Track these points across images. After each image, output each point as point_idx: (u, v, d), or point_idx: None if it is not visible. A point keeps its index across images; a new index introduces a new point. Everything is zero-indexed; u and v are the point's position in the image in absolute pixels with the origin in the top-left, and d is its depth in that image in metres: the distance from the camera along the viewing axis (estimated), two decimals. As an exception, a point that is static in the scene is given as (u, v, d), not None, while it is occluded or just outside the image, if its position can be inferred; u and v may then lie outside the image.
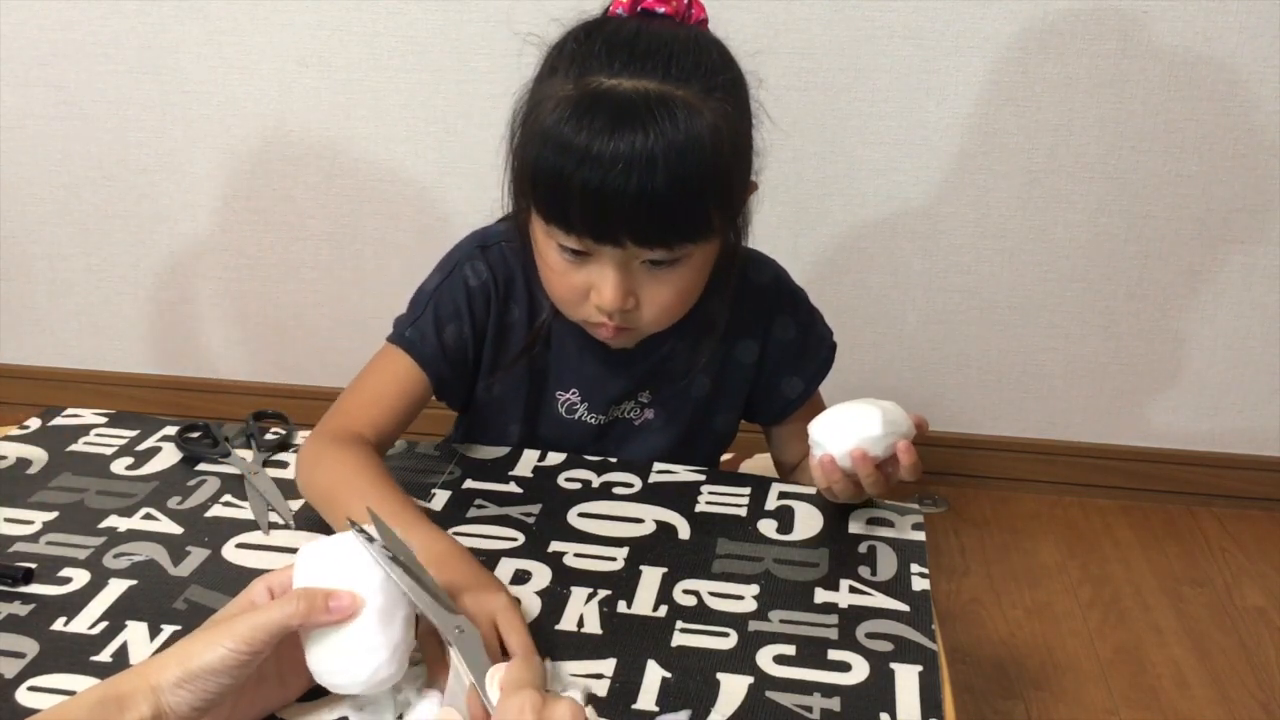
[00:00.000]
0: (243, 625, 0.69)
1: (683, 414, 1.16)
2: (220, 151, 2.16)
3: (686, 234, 0.95)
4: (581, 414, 1.15)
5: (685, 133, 0.90)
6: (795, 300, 1.20)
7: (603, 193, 0.90)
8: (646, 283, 0.98)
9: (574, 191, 0.91)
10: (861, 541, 0.98)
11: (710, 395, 1.16)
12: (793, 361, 1.18)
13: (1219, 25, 1.87)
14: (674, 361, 1.13)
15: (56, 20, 2.10)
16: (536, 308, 1.12)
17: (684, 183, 0.91)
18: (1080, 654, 1.78)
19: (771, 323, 1.17)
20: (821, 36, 1.95)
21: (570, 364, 1.13)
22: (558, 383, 1.14)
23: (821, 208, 2.06)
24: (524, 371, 1.14)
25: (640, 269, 0.97)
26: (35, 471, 1.06)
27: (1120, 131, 1.96)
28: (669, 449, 1.16)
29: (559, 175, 0.91)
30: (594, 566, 0.93)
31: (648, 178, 0.89)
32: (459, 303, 1.11)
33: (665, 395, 1.15)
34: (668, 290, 0.99)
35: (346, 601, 0.72)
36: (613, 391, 1.14)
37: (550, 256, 0.99)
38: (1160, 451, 2.18)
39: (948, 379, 2.18)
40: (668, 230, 0.94)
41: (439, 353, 1.10)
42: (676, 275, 0.98)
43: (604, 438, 1.16)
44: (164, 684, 0.68)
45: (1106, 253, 2.05)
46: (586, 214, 0.92)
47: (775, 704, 0.78)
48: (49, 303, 2.35)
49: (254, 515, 1.00)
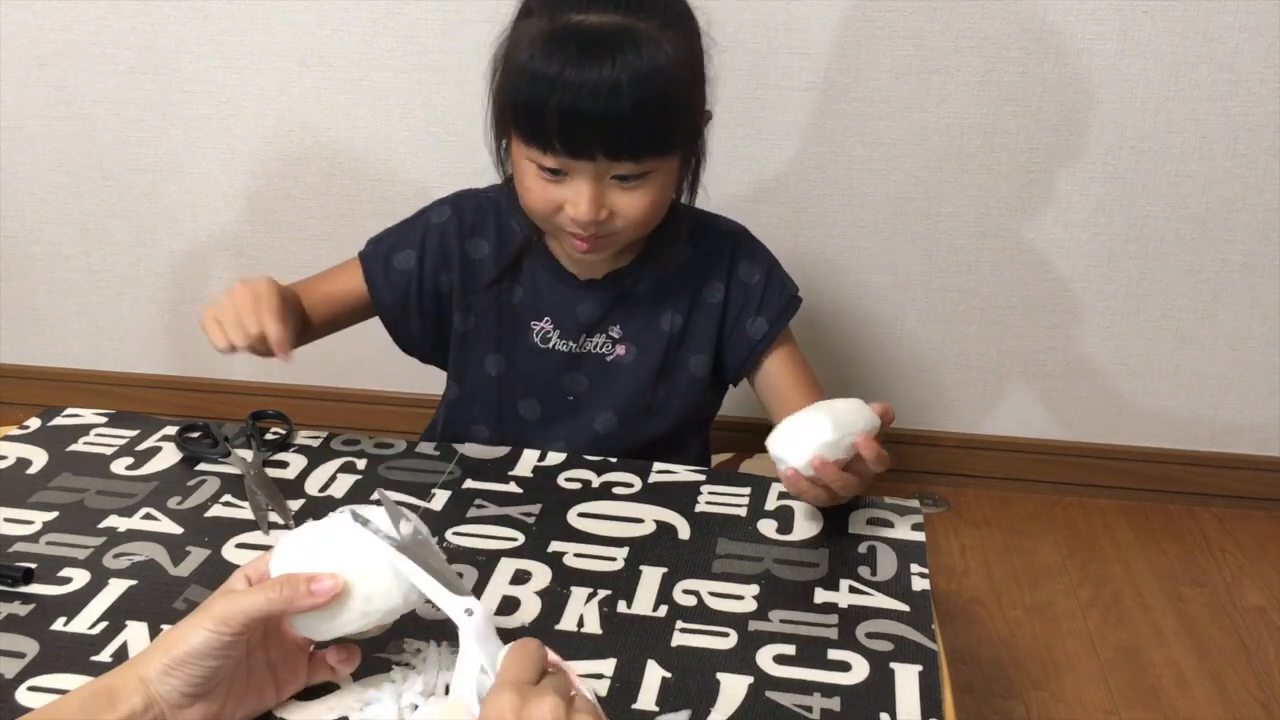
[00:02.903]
0: (223, 607, 0.70)
1: (655, 348, 1.22)
2: (220, 151, 2.16)
3: (651, 148, 1.06)
4: (554, 342, 1.22)
5: (647, 59, 1.02)
6: (758, 249, 1.28)
7: (576, 113, 1.01)
8: (617, 197, 1.08)
9: (550, 113, 1.02)
10: (861, 541, 0.98)
11: (682, 333, 1.23)
12: (756, 303, 1.24)
13: (1219, 25, 1.87)
14: (641, 295, 1.22)
15: (56, 20, 2.10)
16: (505, 245, 1.23)
17: (647, 102, 1.02)
18: (1080, 654, 1.78)
19: (736, 265, 1.25)
20: (821, 36, 1.95)
21: (543, 293, 1.22)
22: (531, 312, 1.23)
23: (821, 208, 2.06)
24: (497, 304, 1.23)
25: (610, 184, 1.07)
26: (35, 471, 1.06)
27: (1120, 131, 1.96)
28: (645, 387, 1.22)
29: (537, 100, 1.02)
30: (594, 566, 0.93)
31: (616, 98, 1.01)
32: (415, 235, 1.25)
33: (635, 329, 1.22)
34: (637, 200, 1.09)
35: (328, 584, 0.72)
36: (582, 316, 1.22)
37: (530, 179, 1.09)
38: (1160, 451, 2.18)
39: (948, 379, 2.18)
40: (635, 145, 1.05)
41: (384, 270, 1.24)
42: (644, 189, 1.08)
43: (577, 369, 1.23)
44: (151, 674, 0.68)
45: (1106, 253, 2.05)
46: (562, 133, 1.03)
47: (775, 704, 0.78)
48: (49, 303, 2.35)
49: (254, 515, 1.00)
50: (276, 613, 0.72)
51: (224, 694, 0.71)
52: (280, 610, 0.71)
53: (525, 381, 1.24)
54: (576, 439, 1.22)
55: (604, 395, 1.23)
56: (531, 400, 1.25)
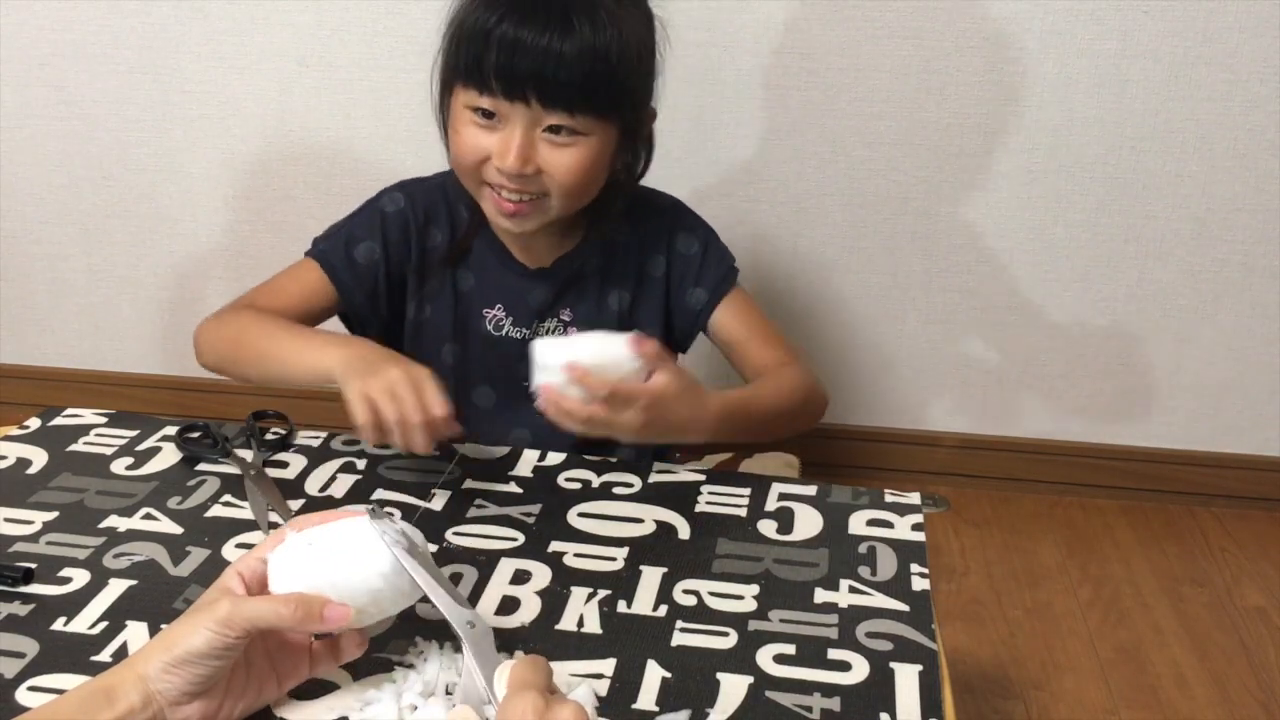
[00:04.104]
0: (229, 610, 0.69)
1: (606, 328, 1.16)
2: (220, 151, 2.16)
3: (587, 103, 1.06)
4: (508, 329, 1.23)
5: (602, 15, 1.04)
6: (695, 221, 1.29)
7: (517, 48, 1.03)
8: (546, 152, 1.08)
9: (492, 44, 1.04)
10: (861, 541, 0.98)
11: (630, 308, 1.25)
12: (695, 274, 1.26)
13: (1219, 25, 1.87)
14: (589, 276, 1.23)
15: (56, 20, 2.10)
16: (458, 232, 1.23)
17: (592, 51, 1.03)
18: (1080, 654, 1.78)
19: (674, 238, 1.26)
20: (821, 36, 1.95)
21: (492, 280, 1.23)
22: (483, 300, 1.23)
23: (821, 208, 2.06)
24: (450, 292, 1.23)
25: (541, 139, 1.08)
26: (35, 471, 1.06)
27: (1120, 131, 1.96)
28: None
29: (482, 32, 1.04)
30: (594, 566, 0.93)
31: (563, 34, 1.02)
32: (373, 225, 1.23)
33: (586, 311, 1.23)
34: (566, 158, 1.08)
35: (340, 613, 0.72)
36: (533, 303, 1.22)
37: (463, 126, 1.10)
38: (1160, 451, 2.18)
39: (948, 379, 2.18)
40: (571, 94, 1.05)
41: (347, 265, 1.22)
42: (575, 148, 1.08)
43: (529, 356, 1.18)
44: (151, 672, 0.68)
45: (1106, 253, 2.05)
46: (500, 69, 1.04)
47: (775, 704, 0.78)
48: (49, 303, 2.35)
49: (254, 515, 1.00)
50: (284, 629, 0.72)
51: (223, 691, 0.71)
52: (289, 628, 0.71)
53: (480, 369, 1.24)
54: (539, 426, 1.13)
55: None
56: (485, 388, 1.25)
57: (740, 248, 2.11)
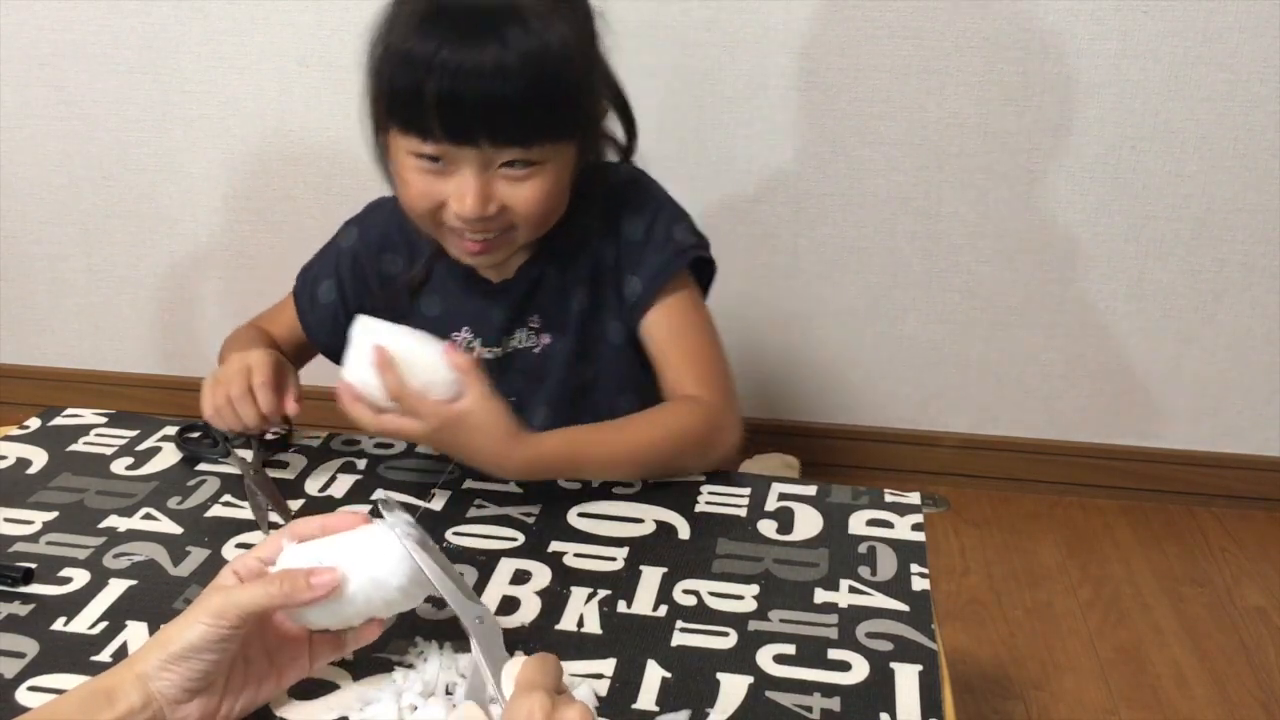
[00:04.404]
0: (219, 601, 0.69)
1: (572, 329, 1.14)
2: (220, 151, 2.16)
3: (542, 132, 0.98)
4: (478, 350, 1.15)
5: (535, 35, 0.94)
6: (644, 197, 1.16)
7: (457, 92, 0.94)
8: (506, 189, 1.00)
9: (429, 95, 0.94)
10: (861, 541, 0.98)
11: (591, 305, 1.15)
12: (636, 259, 1.13)
13: (1219, 25, 1.87)
14: (551, 279, 1.13)
15: (56, 20, 2.10)
16: (420, 254, 1.16)
17: (540, 81, 0.95)
18: (1080, 654, 1.78)
19: (622, 221, 1.14)
20: (821, 36, 1.95)
21: (455, 303, 1.15)
22: (450, 324, 1.15)
23: (821, 208, 2.06)
24: (417, 319, 1.14)
25: (498, 175, 0.99)
26: (35, 471, 1.06)
27: (1120, 131, 1.96)
28: (570, 374, 1.15)
29: (414, 80, 0.94)
30: (594, 566, 0.93)
31: (501, 75, 0.93)
32: (330, 262, 1.21)
33: (551, 315, 1.15)
34: (529, 191, 1.00)
35: (327, 578, 0.72)
36: (498, 320, 1.14)
37: (409, 173, 1.01)
38: (1160, 451, 2.18)
39: (948, 379, 2.18)
40: (524, 128, 0.97)
41: (311, 305, 1.21)
42: (536, 179, 1.00)
43: (508, 371, 1.14)
44: (149, 670, 0.68)
45: (1106, 253, 2.05)
46: (442, 115, 0.95)
47: (775, 704, 0.78)
48: (49, 303, 2.35)
49: (254, 515, 1.00)
50: (275, 607, 0.72)
51: (222, 687, 0.71)
52: (280, 605, 0.71)
53: None
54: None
55: (538, 392, 1.16)
56: None
57: (740, 248, 2.12)
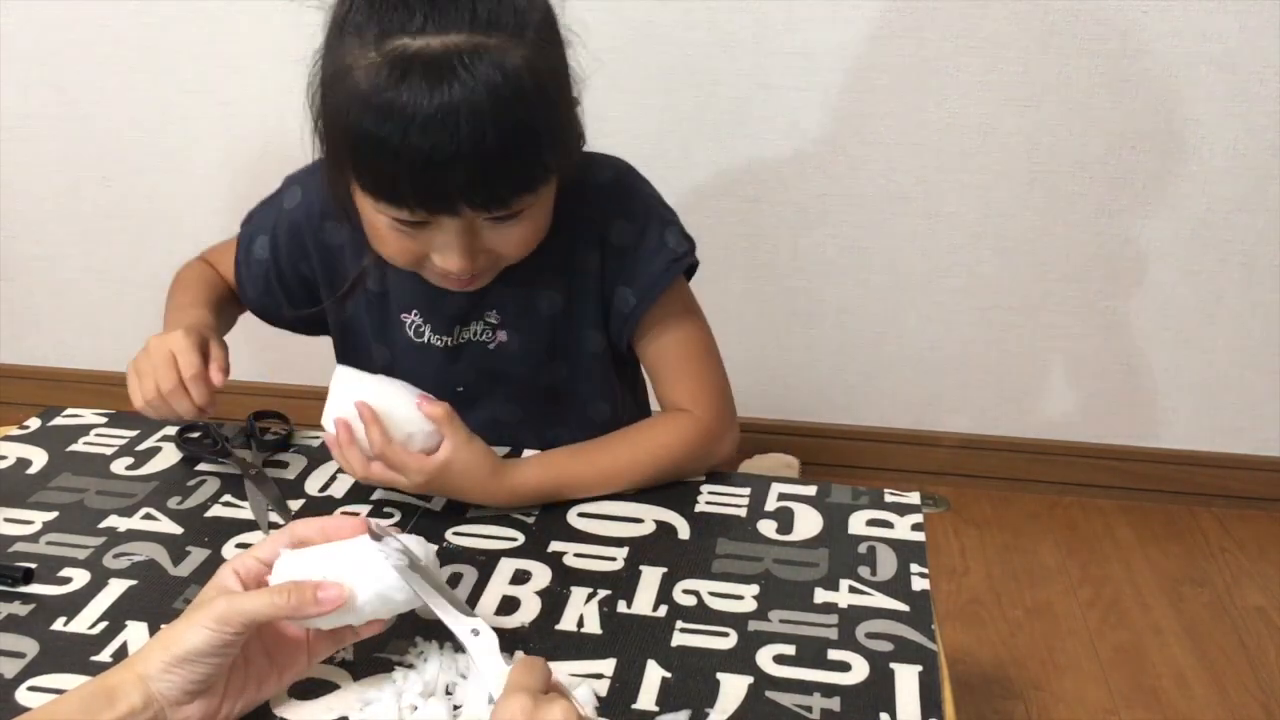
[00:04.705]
0: (225, 607, 0.69)
1: (539, 333, 1.09)
2: (220, 151, 2.16)
3: (526, 186, 0.91)
4: (428, 336, 1.10)
5: (508, 87, 0.85)
6: (633, 201, 1.09)
7: (433, 162, 0.85)
8: (492, 236, 0.94)
9: (403, 165, 0.85)
10: (861, 541, 0.98)
11: (564, 311, 1.09)
12: (629, 271, 1.07)
13: (1219, 25, 1.87)
14: (513, 275, 1.03)
15: (56, 20, 2.10)
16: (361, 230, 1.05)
17: (515, 135, 0.86)
18: (1080, 654, 1.78)
19: (608, 227, 1.07)
20: (821, 36, 1.95)
21: (406, 283, 1.08)
22: (399, 303, 1.10)
23: (821, 208, 2.06)
24: (364, 292, 1.11)
25: (484, 225, 0.92)
26: (35, 471, 1.06)
27: (1120, 131, 1.96)
28: (538, 373, 1.11)
29: (383, 150, 0.85)
30: (594, 566, 0.93)
31: (478, 139, 0.84)
32: (269, 219, 1.15)
33: (513, 314, 1.08)
34: (516, 236, 0.94)
35: (334, 593, 0.72)
36: (451, 309, 1.08)
37: (384, 232, 0.94)
38: (1160, 451, 2.18)
39: (948, 379, 2.18)
40: (506, 188, 0.89)
41: (245, 257, 1.16)
42: (522, 223, 0.94)
43: (458, 362, 1.11)
44: (151, 671, 0.68)
45: (1106, 253, 2.05)
46: (419, 186, 0.87)
47: (775, 704, 0.78)
48: (49, 303, 2.35)
49: (254, 515, 1.00)
50: (281, 619, 0.72)
51: (223, 688, 0.71)
52: (285, 617, 0.71)
53: (410, 376, 1.07)
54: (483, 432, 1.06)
55: (496, 385, 1.12)
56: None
57: (740, 248, 2.12)
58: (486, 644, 0.73)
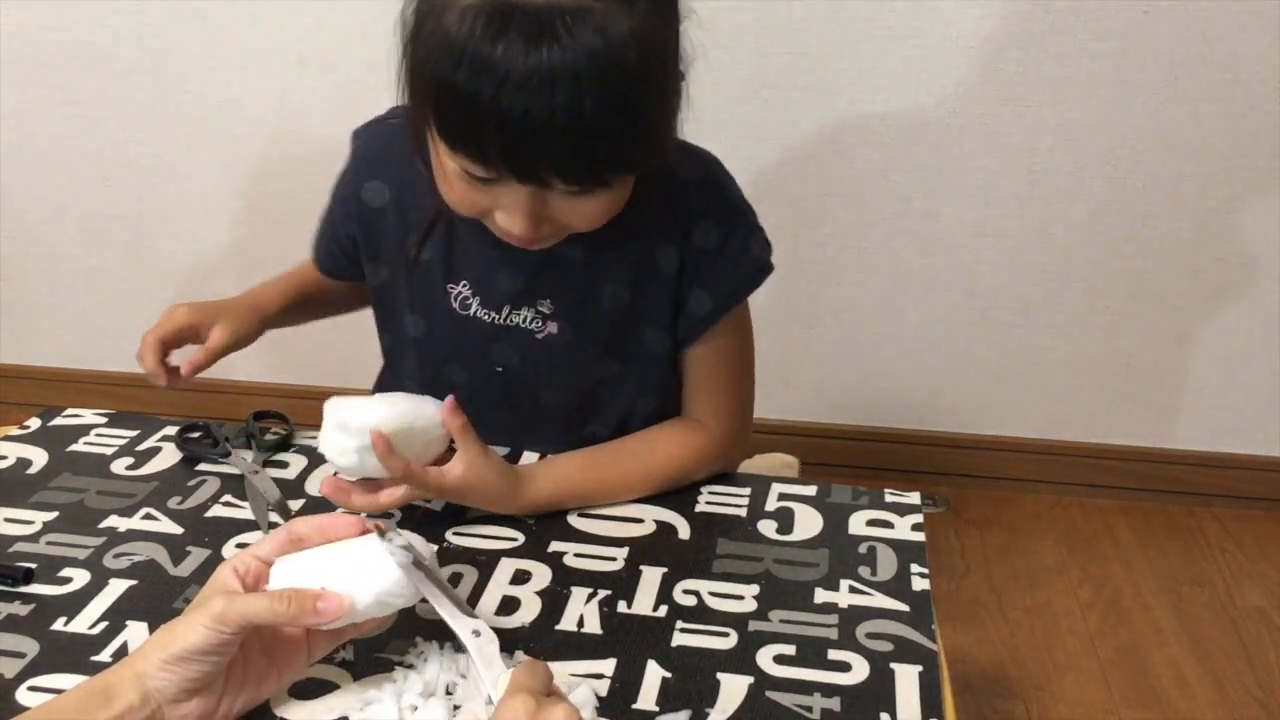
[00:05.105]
0: (223, 607, 0.69)
1: (596, 327, 1.06)
2: (220, 151, 2.16)
3: (616, 165, 0.86)
4: (475, 309, 1.06)
5: (609, 52, 0.79)
6: (724, 203, 1.05)
7: (523, 129, 0.80)
8: (562, 205, 0.89)
9: (489, 125, 0.80)
10: (861, 542, 0.98)
11: (630, 307, 1.05)
12: (707, 273, 1.04)
13: (1219, 25, 1.87)
14: (574, 263, 1.02)
15: (56, 20, 2.10)
16: (410, 191, 1.05)
17: (614, 110, 0.81)
18: (1080, 654, 1.78)
19: (693, 227, 1.03)
20: (821, 36, 1.95)
21: (458, 252, 1.05)
22: (447, 274, 1.06)
23: (821, 208, 2.06)
24: (404, 260, 1.07)
25: (556, 194, 0.87)
26: (35, 471, 1.06)
27: (1120, 131, 1.96)
28: (587, 368, 1.08)
29: (470, 106, 0.80)
30: (594, 566, 0.93)
31: (574, 110, 0.79)
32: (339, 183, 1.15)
33: (569, 306, 1.04)
34: (587, 209, 0.90)
35: (334, 605, 0.72)
36: (505, 288, 1.04)
37: (453, 179, 0.90)
38: (1160, 451, 2.18)
39: (948, 379, 2.18)
40: (596, 165, 0.84)
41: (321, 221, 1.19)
42: (595, 199, 0.88)
43: (503, 341, 1.07)
44: (148, 670, 0.68)
45: (1106, 253, 2.05)
46: (504, 150, 0.82)
47: (775, 704, 0.78)
48: (49, 303, 2.35)
49: (254, 515, 1.00)
50: (280, 624, 0.71)
51: (221, 687, 0.71)
52: (284, 623, 0.71)
53: (447, 348, 1.08)
54: (523, 410, 1.08)
55: (541, 372, 1.08)
56: (457, 366, 1.10)
57: (740, 248, 2.12)
58: (487, 645, 0.73)
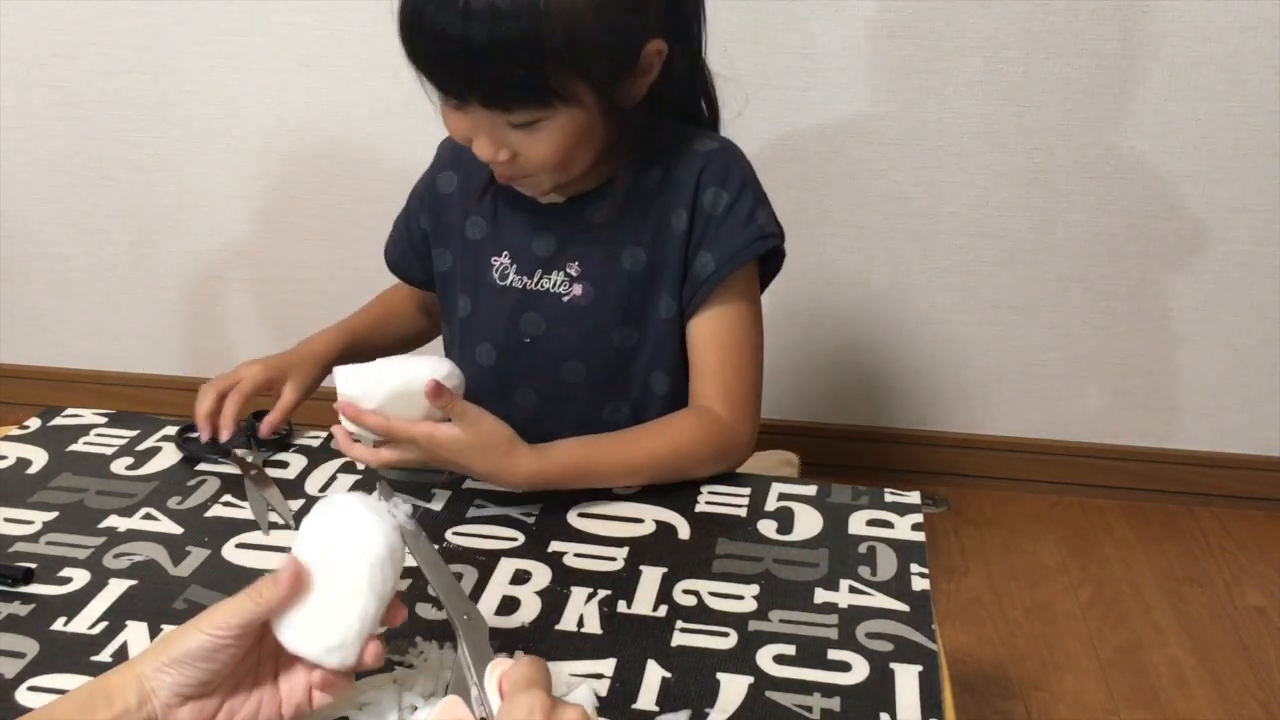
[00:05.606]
0: (218, 610, 0.69)
1: (617, 289, 1.10)
2: (220, 151, 2.16)
3: (528, 96, 0.95)
4: (511, 278, 1.12)
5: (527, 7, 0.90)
6: (731, 171, 1.10)
7: (439, 47, 0.93)
8: (515, 138, 0.99)
9: (420, 44, 0.95)
10: (861, 541, 0.98)
11: (646, 270, 1.10)
12: (711, 235, 1.08)
13: (1219, 25, 1.87)
14: (600, 226, 1.09)
15: (56, 20, 2.10)
16: (474, 177, 1.14)
17: (521, 40, 0.90)
18: (1080, 654, 1.78)
19: (703, 190, 1.08)
20: (821, 36, 1.95)
21: (503, 225, 1.14)
22: (493, 247, 1.14)
23: (821, 208, 2.07)
24: (462, 239, 1.16)
25: (508, 125, 0.98)
26: (35, 471, 1.06)
27: (1120, 131, 1.96)
28: (608, 335, 1.11)
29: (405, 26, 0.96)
30: (594, 566, 0.93)
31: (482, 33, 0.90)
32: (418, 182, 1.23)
33: (593, 267, 1.10)
34: (537, 145, 0.99)
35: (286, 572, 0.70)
36: (540, 251, 1.11)
37: (442, 107, 1.01)
38: (1160, 451, 2.18)
39: (948, 379, 2.18)
40: (507, 93, 0.94)
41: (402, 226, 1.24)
42: (543, 134, 0.98)
43: (533, 308, 1.12)
44: (146, 670, 0.68)
45: (1106, 253, 2.05)
46: (432, 68, 0.96)
47: (775, 704, 0.78)
48: (49, 303, 2.35)
49: (254, 515, 1.00)
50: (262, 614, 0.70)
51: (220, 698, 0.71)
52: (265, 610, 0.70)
53: (484, 323, 1.15)
54: (546, 390, 1.12)
55: (565, 341, 1.12)
56: (487, 345, 1.15)
57: (740, 248, 2.12)
58: (477, 631, 0.73)
